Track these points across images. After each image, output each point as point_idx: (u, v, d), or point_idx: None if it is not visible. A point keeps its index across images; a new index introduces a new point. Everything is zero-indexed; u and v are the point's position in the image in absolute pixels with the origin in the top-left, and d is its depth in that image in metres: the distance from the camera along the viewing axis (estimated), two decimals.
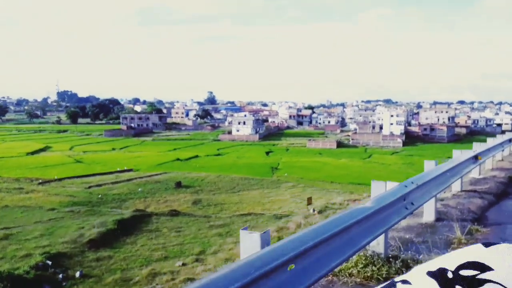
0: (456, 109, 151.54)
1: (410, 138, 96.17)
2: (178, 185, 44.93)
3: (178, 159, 69.47)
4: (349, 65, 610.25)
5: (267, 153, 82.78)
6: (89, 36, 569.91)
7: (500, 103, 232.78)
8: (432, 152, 71.76)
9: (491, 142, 10.90)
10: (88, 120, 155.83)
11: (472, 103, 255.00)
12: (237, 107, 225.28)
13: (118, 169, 57.22)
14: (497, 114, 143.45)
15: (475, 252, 0.65)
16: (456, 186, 7.37)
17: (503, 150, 11.98)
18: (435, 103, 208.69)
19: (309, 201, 34.25)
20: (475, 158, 7.69)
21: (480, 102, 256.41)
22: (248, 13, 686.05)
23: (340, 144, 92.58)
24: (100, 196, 40.59)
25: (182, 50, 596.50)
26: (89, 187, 45.10)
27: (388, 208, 3.15)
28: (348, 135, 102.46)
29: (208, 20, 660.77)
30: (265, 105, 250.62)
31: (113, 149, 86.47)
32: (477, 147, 9.03)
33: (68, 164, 62.97)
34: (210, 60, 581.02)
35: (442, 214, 5.34)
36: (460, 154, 7.35)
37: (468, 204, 6.14)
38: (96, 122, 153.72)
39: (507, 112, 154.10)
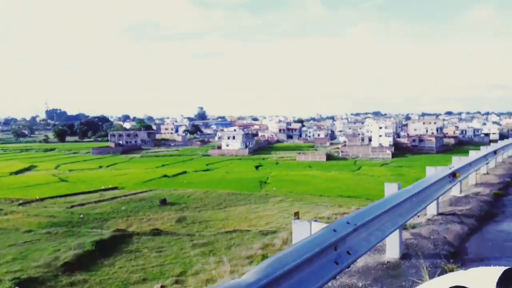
0: (444, 120, 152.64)
1: (399, 150, 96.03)
2: (163, 202, 43.72)
3: (165, 176, 68.30)
4: (339, 79, 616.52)
5: (257, 167, 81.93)
6: (80, 53, 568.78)
7: (487, 113, 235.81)
8: (421, 163, 71.40)
9: (473, 155, 9.91)
10: (76, 138, 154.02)
11: (459, 113, 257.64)
12: (228, 122, 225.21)
13: (103, 188, 55.84)
14: (484, 124, 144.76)
15: (456, 277, 0.72)
16: (431, 209, 6.29)
17: (487, 163, 11.00)
18: (423, 114, 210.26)
19: (296, 215, 33.26)
20: (453, 175, 6.66)
21: (468, 113, 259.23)
22: (239, 28, 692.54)
23: (329, 157, 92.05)
24: (81, 216, 39.21)
25: (173, 66, 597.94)
26: (71, 206, 43.71)
27: (300, 269, 2.00)
28: (338, 148, 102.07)
29: (199, 36, 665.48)
30: (255, 119, 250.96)
31: (100, 167, 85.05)
32: (456, 162, 7.96)
33: (52, 184, 61.41)
34: (201, 75, 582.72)
35: (410, 248, 4.27)
36: (434, 172, 6.25)
37: (444, 233, 5.12)
38: (84, 140, 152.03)
39: (494, 122, 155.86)
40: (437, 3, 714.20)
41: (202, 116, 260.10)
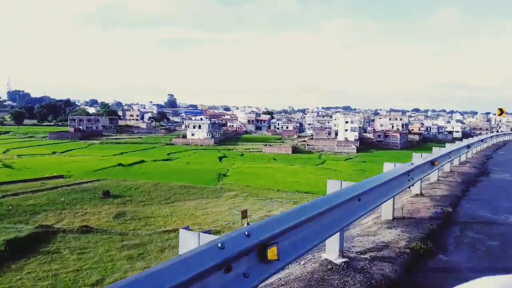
0: (410, 116, 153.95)
1: (364, 145, 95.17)
2: (106, 194, 40.29)
3: (120, 165, 64.43)
4: (312, 73, 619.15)
5: (220, 158, 79.15)
6: (49, 36, 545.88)
7: (452, 112, 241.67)
8: (383, 159, 70.26)
9: (389, 167, 5.88)
10: (35, 121, 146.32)
11: (426, 111, 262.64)
12: (199, 110, 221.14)
13: (47, 175, 51.67)
14: (448, 122, 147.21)
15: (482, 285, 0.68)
16: None
17: (412, 185, 6.58)
18: (391, 110, 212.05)
19: (244, 214, 30.76)
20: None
21: (434, 111, 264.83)
22: (211, 18, 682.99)
23: (295, 150, 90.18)
24: (10, 207, 35.38)
25: (144, 53, 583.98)
26: (3, 196, 39.63)
27: None
28: (305, 141, 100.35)
29: (169, 23, 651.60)
30: (228, 109, 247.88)
31: (54, 152, 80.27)
32: (338, 192, 3.74)
33: None
34: (173, 63, 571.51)
35: None
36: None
37: None
38: (44, 123, 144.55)
39: (458, 120, 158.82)
40: (407, 3, 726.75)
41: (172, 103, 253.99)
